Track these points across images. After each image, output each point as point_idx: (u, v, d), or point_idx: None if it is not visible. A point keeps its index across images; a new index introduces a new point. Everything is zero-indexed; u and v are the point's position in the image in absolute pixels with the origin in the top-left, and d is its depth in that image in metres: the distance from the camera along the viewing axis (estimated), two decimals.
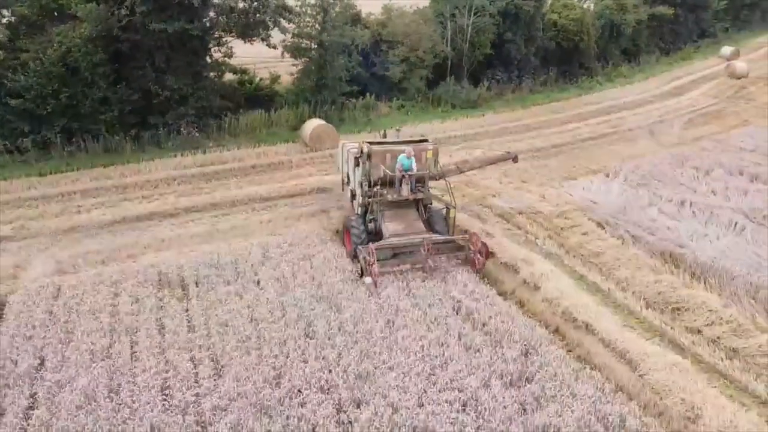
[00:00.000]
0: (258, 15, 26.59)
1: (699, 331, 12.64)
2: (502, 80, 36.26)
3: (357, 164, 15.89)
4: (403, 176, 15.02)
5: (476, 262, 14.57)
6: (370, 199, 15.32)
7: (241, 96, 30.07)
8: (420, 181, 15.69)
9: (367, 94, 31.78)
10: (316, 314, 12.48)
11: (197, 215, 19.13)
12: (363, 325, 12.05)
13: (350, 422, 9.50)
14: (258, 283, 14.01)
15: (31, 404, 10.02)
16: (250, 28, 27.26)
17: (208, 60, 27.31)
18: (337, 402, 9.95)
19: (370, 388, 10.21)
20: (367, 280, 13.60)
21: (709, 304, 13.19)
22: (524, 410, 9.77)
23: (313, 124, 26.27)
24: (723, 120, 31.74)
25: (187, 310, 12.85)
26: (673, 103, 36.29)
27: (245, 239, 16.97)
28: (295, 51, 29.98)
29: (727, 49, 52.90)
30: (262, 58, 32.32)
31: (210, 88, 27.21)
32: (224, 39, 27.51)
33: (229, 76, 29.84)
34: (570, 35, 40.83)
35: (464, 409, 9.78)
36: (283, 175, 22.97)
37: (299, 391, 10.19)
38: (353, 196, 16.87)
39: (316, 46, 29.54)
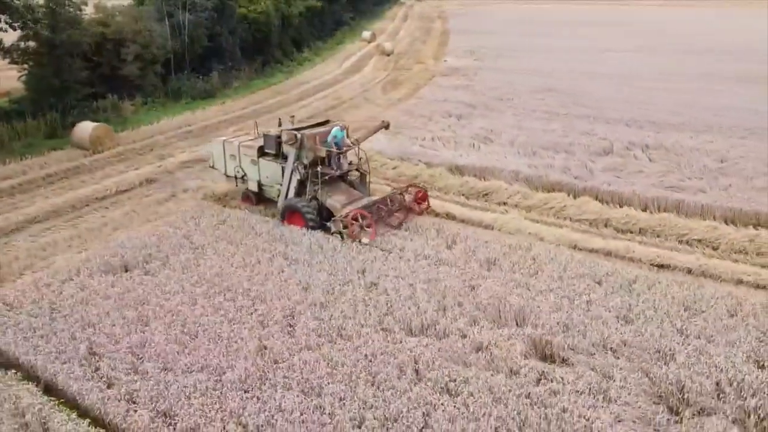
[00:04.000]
0: None
1: (505, 203, 19.84)
2: (225, 70, 39.33)
3: (262, 155, 17.79)
4: (341, 153, 17.11)
5: (418, 208, 18.27)
6: (316, 179, 16.70)
7: None
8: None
9: (108, 94, 31.39)
10: (282, 251, 15.37)
11: (47, 224, 18.46)
12: (328, 245, 15.57)
13: (374, 283, 13.43)
14: (202, 248, 15.78)
15: (129, 368, 10.95)
16: None
17: None
18: (363, 285, 13.60)
19: (374, 273, 14.13)
20: (365, 240, 15.69)
21: (502, 187, 20.54)
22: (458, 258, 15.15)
23: (88, 128, 25.71)
24: (404, 84, 41.30)
25: (158, 285, 13.92)
26: (360, 77, 44.82)
27: (128, 229, 17.69)
28: (21, 56, 27.92)
29: (367, 33, 65.16)
30: None
31: None
32: None
33: None
34: (261, 27, 45.88)
35: (439, 266, 14.61)
36: (93, 177, 22.68)
37: (329, 291, 13.44)
38: (261, 187, 18.36)
39: (47, 49, 28.09)
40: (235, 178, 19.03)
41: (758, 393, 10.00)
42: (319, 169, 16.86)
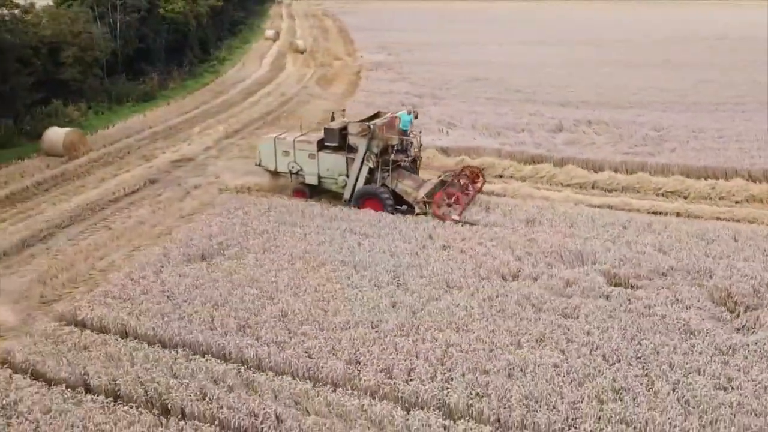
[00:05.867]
0: None
1: (501, 176, 22.45)
2: (159, 72, 38.50)
3: (322, 149, 18.75)
4: (411, 141, 18.91)
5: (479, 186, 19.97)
6: (386, 167, 18.14)
7: None
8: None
9: (52, 99, 29.99)
10: (348, 228, 16.76)
11: (77, 228, 18.31)
12: (385, 220, 17.18)
13: (446, 246, 15.51)
14: (269, 232, 16.63)
15: (289, 333, 11.98)
16: None
17: None
18: (439, 248, 15.45)
19: (440, 238, 16.00)
20: (455, 216, 17.30)
21: (495, 162, 23.12)
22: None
23: (60, 134, 24.78)
24: (336, 80, 42.88)
25: (254, 266, 14.72)
26: (288, 75, 45.64)
27: (163, 225, 18.07)
28: None
29: (270, 32, 65.50)
30: None
31: None
32: None
33: None
34: (180, 27, 45.14)
35: (491, 227, 16.81)
36: (88, 182, 22.32)
37: (414, 255, 15.14)
38: (320, 180, 19.15)
39: None
40: (289, 173, 19.59)
41: None
42: (391, 156, 18.30)
